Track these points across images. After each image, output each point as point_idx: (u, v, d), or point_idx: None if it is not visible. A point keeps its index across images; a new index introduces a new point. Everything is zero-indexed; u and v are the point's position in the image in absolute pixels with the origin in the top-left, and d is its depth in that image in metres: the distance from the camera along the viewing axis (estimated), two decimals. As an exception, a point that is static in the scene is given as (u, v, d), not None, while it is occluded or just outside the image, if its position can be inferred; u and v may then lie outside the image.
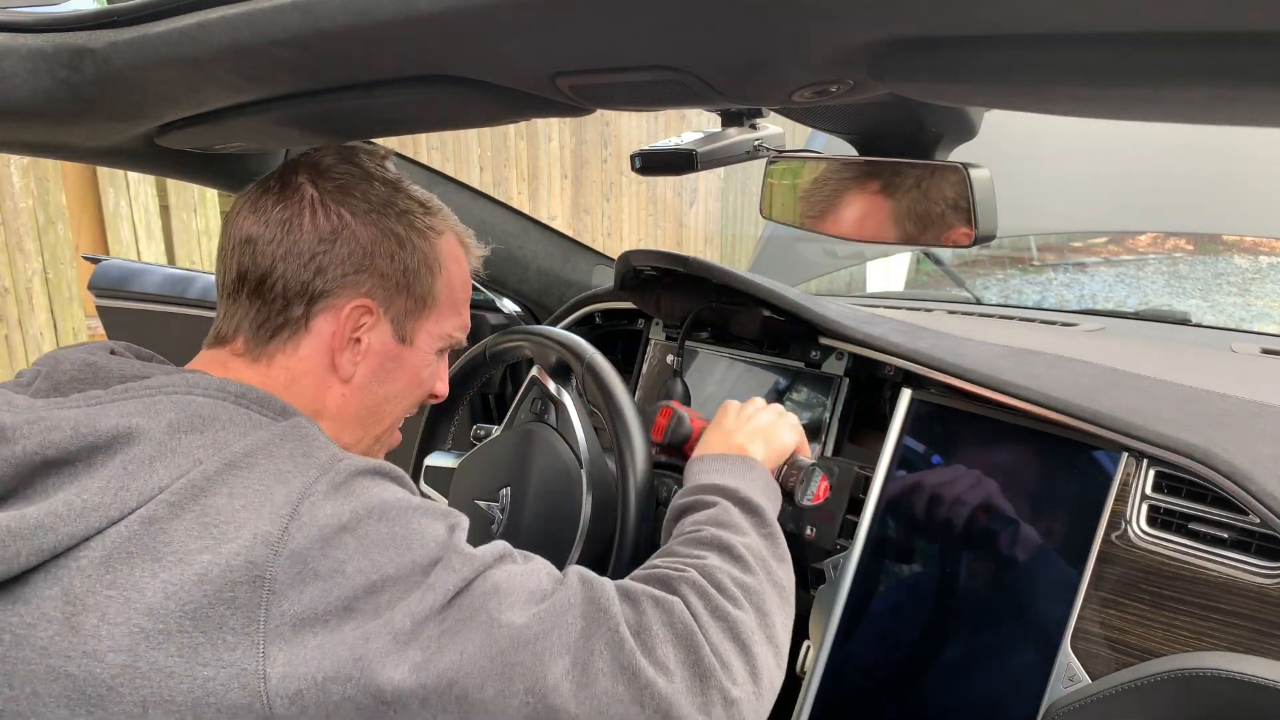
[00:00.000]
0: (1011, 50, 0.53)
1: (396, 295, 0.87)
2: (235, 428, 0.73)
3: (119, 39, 0.77)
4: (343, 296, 0.84)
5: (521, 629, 0.70)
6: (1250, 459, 0.92)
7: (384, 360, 0.88)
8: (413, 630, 0.67)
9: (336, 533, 0.67)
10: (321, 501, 0.68)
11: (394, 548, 0.69)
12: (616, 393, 1.16)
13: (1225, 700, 0.87)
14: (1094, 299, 4.29)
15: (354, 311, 0.84)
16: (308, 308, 0.83)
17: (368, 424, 0.91)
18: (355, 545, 0.67)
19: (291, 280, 0.83)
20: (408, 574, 0.68)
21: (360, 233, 0.84)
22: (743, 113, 1.06)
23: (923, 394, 1.20)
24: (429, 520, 0.72)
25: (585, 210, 6.48)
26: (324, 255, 0.83)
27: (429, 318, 0.91)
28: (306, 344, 0.84)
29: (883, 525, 1.18)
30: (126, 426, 0.69)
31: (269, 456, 0.70)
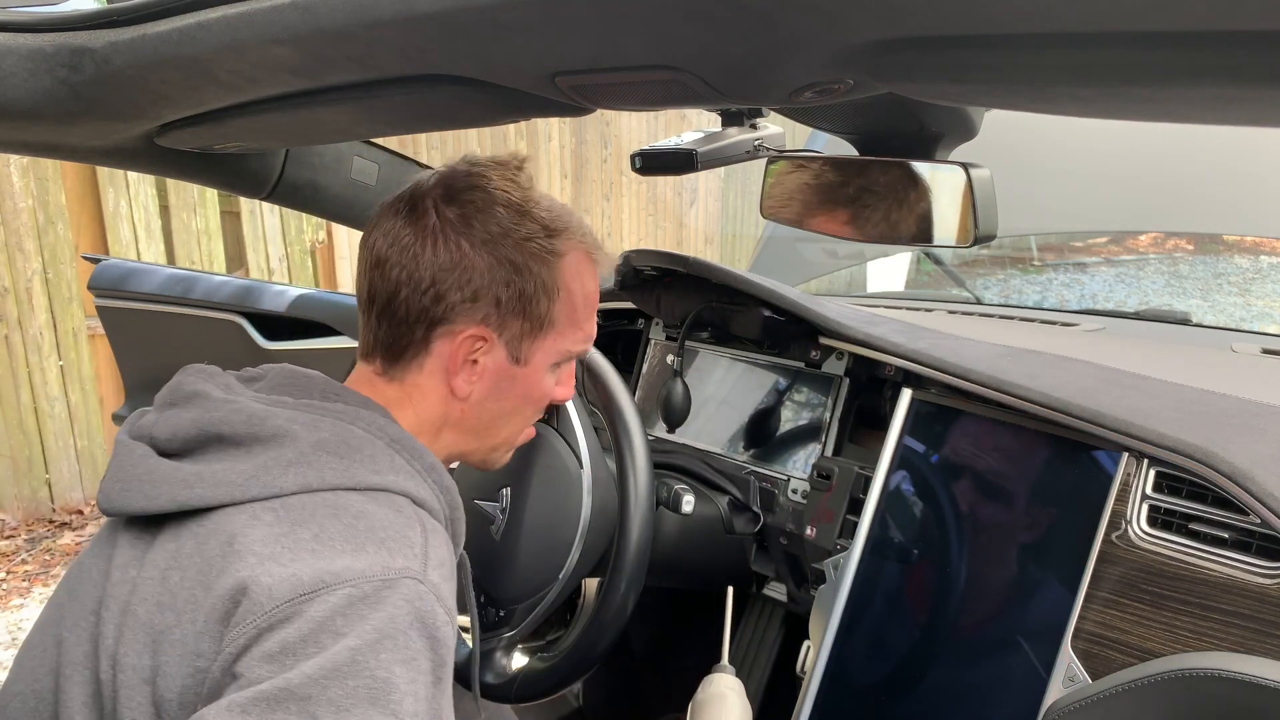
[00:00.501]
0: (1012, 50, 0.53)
1: (512, 320, 0.89)
2: (374, 465, 0.80)
3: (119, 39, 0.77)
4: (459, 323, 0.87)
5: None
6: (1251, 459, 0.92)
7: (499, 380, 0.92)
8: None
9: (329, 636, 0.67)
10: (347, 603, 0.69)
11: (344, 669, 0.66)
12: (616, 393, 1.16)
13: (1225, 700, 0.87)
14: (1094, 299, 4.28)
15: (469, 340, 0.88)
16: (427, 331, 0.88)
17: (482, 436, 0.96)
18: (316, 655, 0.66)
19: (413, 305, 0.87)
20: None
21: (478, 262, 0.87)
22: (743, 113, 1.06)
23: (923, 394, 1.20)
24: (393, 664, 0.68)
25: (585, 210, 6.48)
26: (442, 284, 0.86)
27: (546, 338, 0.92)
28: (429, 364, 0.89)
29: (883, 525, 1.18)
30: (286, 430, 0.79)
31: (370, 533, 0.75)
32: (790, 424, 1.42)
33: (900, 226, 0.99)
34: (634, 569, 1.11)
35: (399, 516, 0.78)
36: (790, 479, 1.37)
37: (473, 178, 0.90)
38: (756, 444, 1.45)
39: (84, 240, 3.86)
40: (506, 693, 1.22)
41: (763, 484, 1.40)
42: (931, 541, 1.14)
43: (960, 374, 1.13)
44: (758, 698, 1.73)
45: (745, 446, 1.46)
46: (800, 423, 1.41)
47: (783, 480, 1.38)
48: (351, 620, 0.68)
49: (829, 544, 1.25)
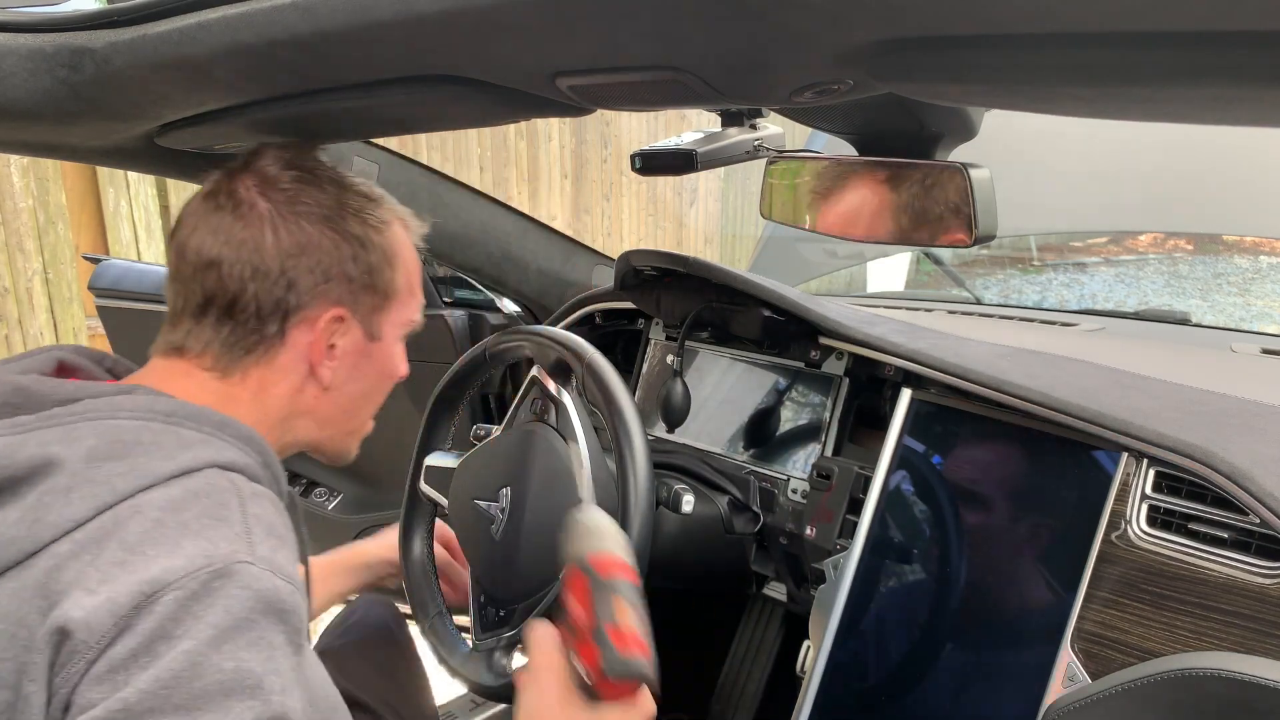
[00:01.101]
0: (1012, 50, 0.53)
1: (364, 295, 0.87)
2: (160, 450, 0.71)
3: (119, 39, 0.77)
4: (315, 308, 0.84)
5: None
6: (1250, 459, 0.92)
7: (358, 360, 0.89)
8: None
9: (163, 643, 0.62)
10: (176, 607, 0.64)
11: (185, 674, 0.62)
12: (616, 393, 1.16)
13: (1225, 700, 0.87)
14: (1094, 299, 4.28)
15: (329, 323, 0.85)
16: (282, 323, 0.83)
17: (340, 422, 0.92)
18: (150, 667, 0.62)
19: (265, 299, 0.82)
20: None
21: (323, 241, 0.84)
22: (743, 113, 1.06)
23: (923, 394, 1.20)
24: (240, 649, 0.65)
25: (585, 210, 6.48)
26: (293, 270, 0.83)
27: (393, 309, 0.91)
28: (282, 355, 0.85)
29: (883, 525, 1.18)
30: (44, 456, 0.68)
31: (180, 526, 0.68)
32: (790, 424, 1.42)
33: (900, 227, 0.99)
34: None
35: (209, 496, 0.71)
36: (790, 479, 1.37)
37: (282, 160, 0.87)
38: (756, 444, 1.45)
39: (84, 240, 3.86)
40: (507, 693, 1.22)
41: (763, 484, 1.40)
42: (931, 541, 1.14)
43: (960, 374, 1.13)
44: (758, 697, 1.73)
45: (745, 446, 1.46)
46: (800, 423, 1.41)
47: (783, 480, 1.38)
48: (185, 623, 0.63)
49: (829, 544, 1.25)
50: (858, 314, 1.37)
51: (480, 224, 1.68)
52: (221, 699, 0.62)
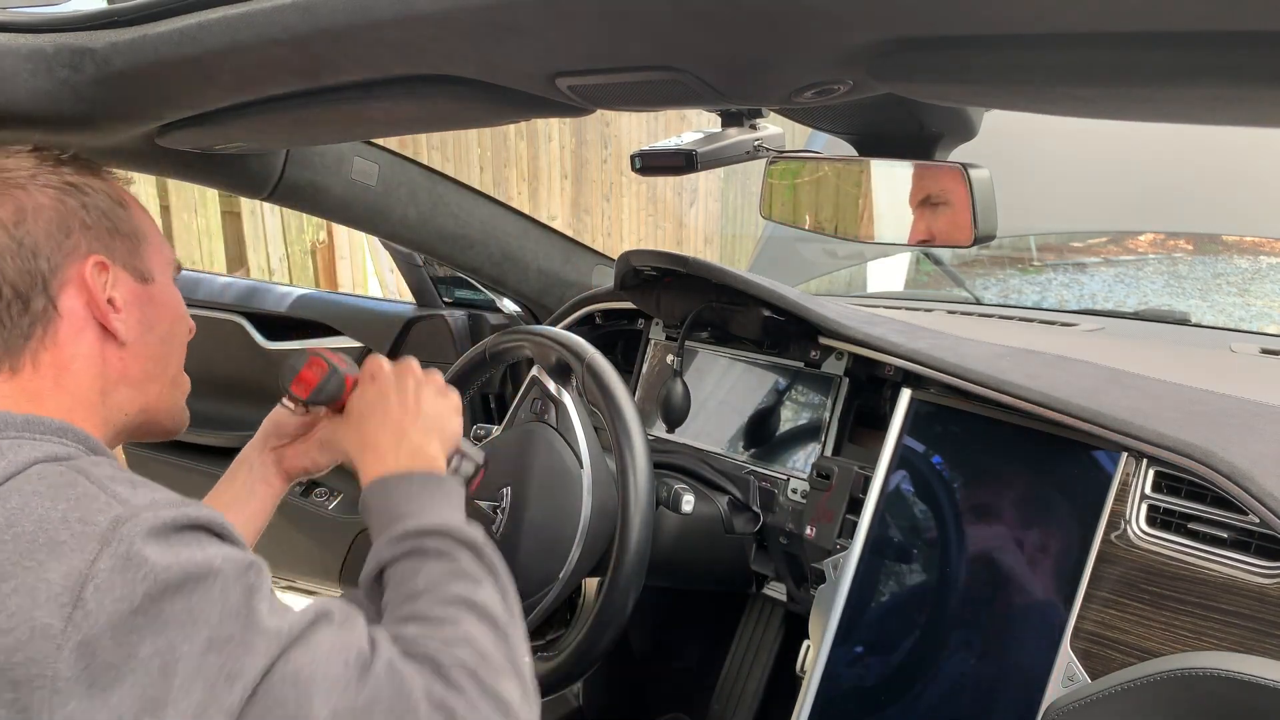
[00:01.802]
0: (1011, 50, 0.53)
1: (113, 240, 0.83)
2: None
3: (119, 39, 0.77)
4: (71, 266, 0.79)
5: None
6: (1250, 459, 0.92)
7: (141, 307, 0.84)
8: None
9: (128, 617, 0.60)
10: (107, 582, 0.61)
11: (190, 625, 0.62)
12: (616, 393, 1.16)
13: (1225, 700, 0.87)
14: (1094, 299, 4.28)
15: (94, 270, 0.79)
16: (47, 293, 0.77)
17: (156, 376, 0.87)
18: (148, 628, 0.61)
19: (13, 277, 0.76)
20: (202, 659, 0.62)
21: (41, 200, 0.79)
22: (743, 113, 1.06)
23: (923, 394, 1.20)
24: (223, 588, 0.65)
25: (585, 210, 6.48)
26: (26, 237, 0.77)
27: (149, 250, 0.87)
28: (63, 330, 0.78)
29: (883, 525, 1.18)
30: None
31: (39, 522, 0.63)
32: (790, 424, 1.43)
33: (900, 227, 0.99)
34: (634, 569, 1.11)
35: (47, 486, 0.66)
36: (790, 479, 1.37)
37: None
38: (756, 444, 1.45)
39: (84, 240, 3.86)
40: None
41: (762, 484, 1.40)
42: (931, 541, 1.14)
43: (960, 374, 1.13)
44: (758, 697, 1.73)
45: (745, 446, 1.46)
46: (800, 422, 1.41)
47: (782, 480, 1.38)
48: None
49: (828, 544, 1.25)
50: (858, 314, 1.37)
51: (480, 224, 1.68)
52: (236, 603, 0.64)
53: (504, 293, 1.88)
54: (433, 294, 1.96)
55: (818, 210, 1.08)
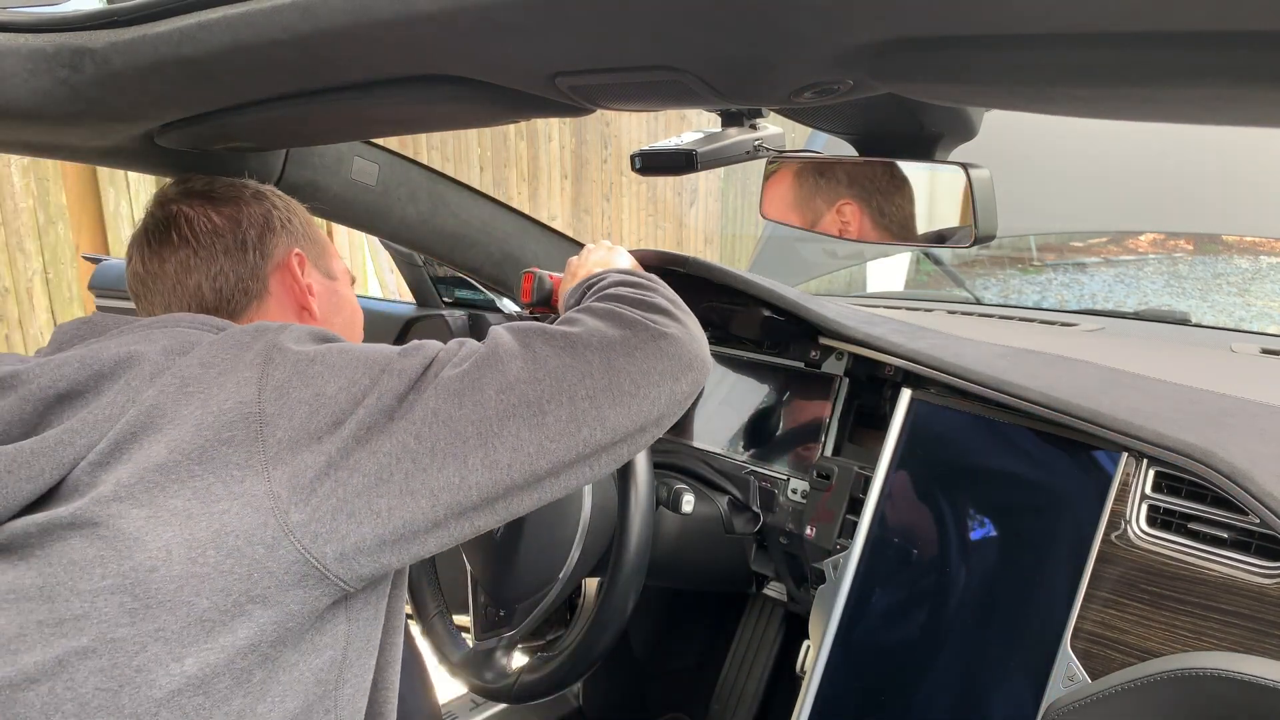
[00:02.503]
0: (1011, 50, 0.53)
1: (307, 242, 1.00)
2: (217, 345, 0.80)
3: (119, 39, 0.77)
4: (278, 255, 0.96)
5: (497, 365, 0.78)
6: (1250, 459, 0.92)
7: (329, 296, 1.01)
8: (402, 403, 0.74)
9: (308, 363, 0.75)
10: (288, 346, 0.77)
11: (361, 362, 0.76)
12: (616, 393, 1.16)
13: (1225, 700, 0.87)
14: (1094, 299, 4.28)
15: (295, 259, 0.97)
16: (260, 271, 0.95)
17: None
18: (326, 369, 0.75)
19: (239, 265, 0.94)
20: (378, 370, 0.76)
21: (252, 210, 0.97)
22: (743, 113, 1.06)
23: (923, 394, 1.20)
24: (378, 345, 0.80)
25: (585, 210, 6.48)
26: (242, 234, 0.95)
27: (331, 257, 1.04)
28: (273, 306, 0.96)
29: (883, 525, 1.18)
30: (128, 352, 0.77)
31: (230, 338, 0.79)
32: (790, 424, 1.43)
33: (900, 227, 0.99)
34: (634, 569, 1.11)
35: (257, 325, 0.82)
36: (790, 479, 1.37)
37: (178, 191, 1.00)
38: (756, 444, 1.45)
39: (84, 240, 3.86)
40: (506, 693, 1.22)
41: (762, 484, 1.40)
42: (931, 541, 1.14)
43: (960, 374, 1.13)
44: (758, 697, 1.73)
45: (745, 446, 1.46)
46: (800, 422, 1.41)
47: (782, 480, 1.38)
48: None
49: (829, 544, 1.25)
50: (858, 314, 1.37)
51: (480, 224, 1.68)
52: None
53: (504, 293, 1.88)
54: (433, 294, 1.96)
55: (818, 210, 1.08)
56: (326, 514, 0.70)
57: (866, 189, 0.98)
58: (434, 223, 1.60)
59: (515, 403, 0.76)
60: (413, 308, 2.00)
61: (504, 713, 1.75)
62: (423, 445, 0.73)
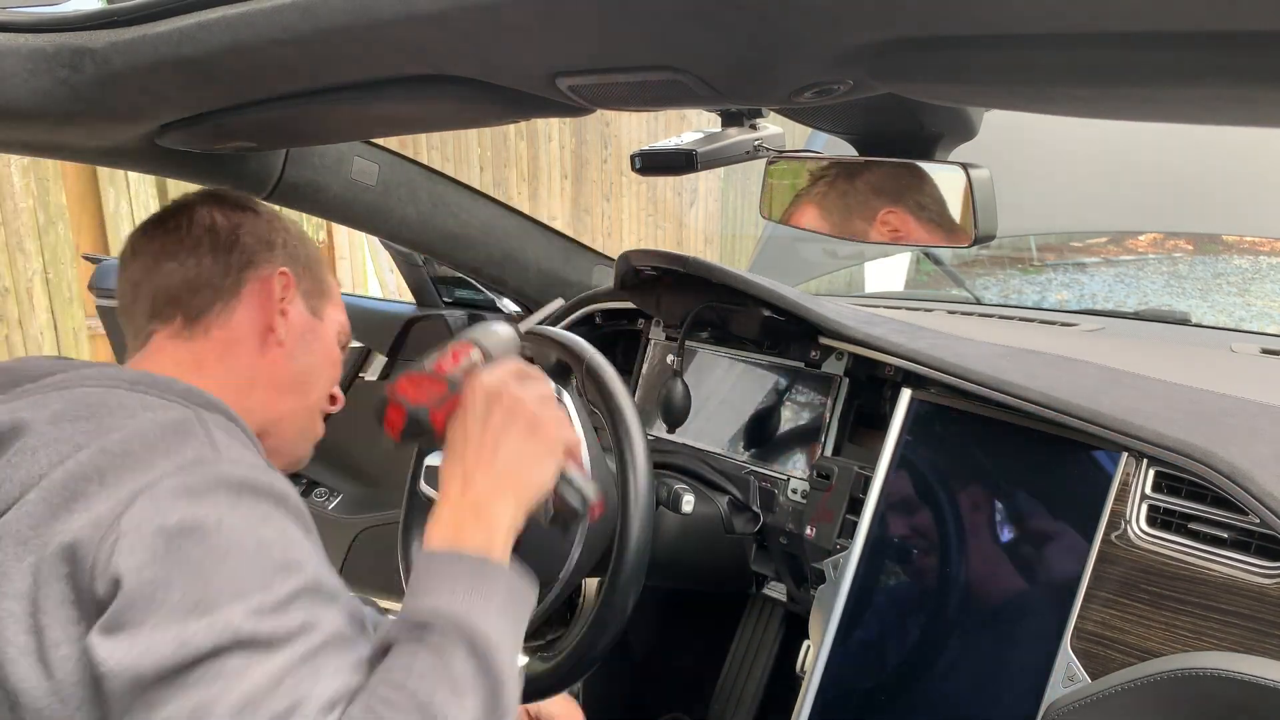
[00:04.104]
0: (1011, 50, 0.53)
1: (304, 272, 0.96)
2: (124, 412, 0.75)
3: (119, 39, 0.77)
4: (263, 266, 0.92)
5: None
6: (1250, 459, 0.92)
7: (304, 331, 0.95)
8: (153, 679, 0.62)
9: (154, 534, 0.66)
10: (161, 498, 0.67)
11: (196, 577, 0.65)
12: (616, 393, 1.16)
13: (1225, 700, 0.87)
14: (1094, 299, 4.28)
15: (279, 277, 0.92)
16: (237, 275, 0.91)
17: (297, 392, 0.95)
18: (164, 554, 0.65)
19: (221, 255, 0.91)
20: (179, 611, 0.64)
21: (259, 224, 0.95)
22: (743, 113, 1.06)
23: (923, 394, 1.20)
24: (251, 565, 0.67)
25: (585, 210, 6.48)
26: (241, 232, 0.93)
27: (329, 303, 0.99)
28: (238, 312, 0.91)
29: (883, 525, 1.18)
30: (13, 421, 0.74)
31: (147, 447, 0.72)
32: (790, 424, 1.42)
33: (900, 227, 0.99)
34: (634, 569, 1.11)
35: (162, 416, 0.75)
36: (790, 479, 1.37)
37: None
38: (756, 444, 1.45)
39: (84, 240, 3.86)
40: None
41: (762, 484, 1.40)
42: (931, 541, 1.14)
43: (960, 374, 1.13)
44: (758, 697, 1.73)
45: (745, 446, 1.46)
46: (800, 423, 1.41)
47: (782, 480, 1.38)
48: (175, 520, 0.66)
49: (829, 544, 1.25)
50: (858, 314, 1.36)
51: (480, 224, 1.68)
52: (257, 574, 0.66)
53: (504, 293, 1.88)
54: (433, 294, 1.96)
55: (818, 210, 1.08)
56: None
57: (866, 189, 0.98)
58: (434, 223, 1.60)
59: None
60: (413, 308, 2.00)
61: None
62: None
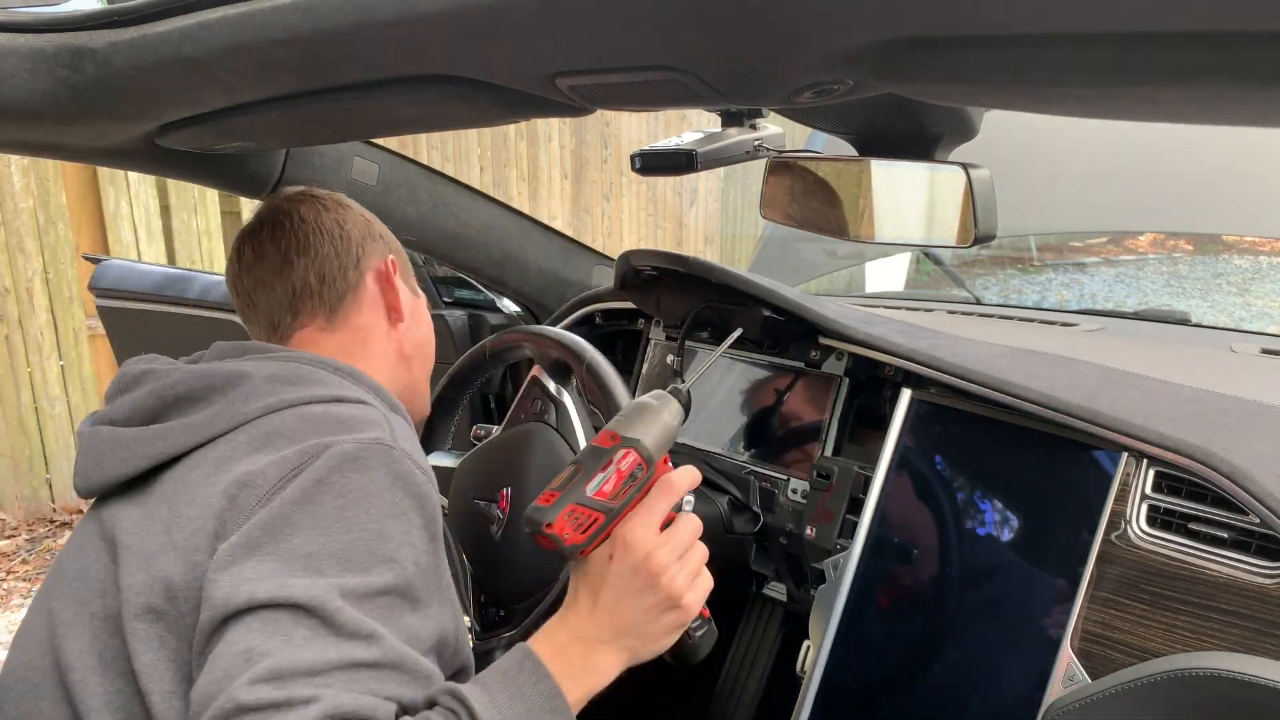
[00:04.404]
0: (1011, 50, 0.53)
1: (400, 257, 1.08)
2: (323, 384, 0.90)
3: (119, 39, 0.77)
4: (373, 256, 1.04)
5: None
6: (1250, 459, 0.92)
7: (412, 309, 1.08)
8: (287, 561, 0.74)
9: (311, 480, 0.78)
10: (334, 455, 0.79)
11: (336, 525, 0.76)
12: (616, 393, 1.16)
13: (1225, 700, 0.87)
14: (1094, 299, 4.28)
15: (390, 264, 1.05)
16: (358, 269, 1.03)
17: (421, 359, 1.10)
18: (304, 499, 0.77)
19: (340, 253, 1.02)
20: (289, 557, 0.74)
21: (357, 218, 1.06)
22: (743, 113, 1.06)
23: (923, 394, 1.20)
24: (365, 547, 0.76)
25: (585, 210, 6.48)
26: (345, 231, 1.03)
27: (413, 279, 1.11)
28: (365, 300, 1.03)
29: (882, 525, 1.18)
30: (238, 371, 0.89)
31: (338, 421, 0.85)
32: (790, 424, 1.43)
33: (900, 227, 0.99)
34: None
35: (360, 409, 0.88)
36: (790, 479, 1.37)
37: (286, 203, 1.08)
38: (756, 444, 1.45)
39: (84, 240, 3.86)
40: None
41: (763, 484, 1.40)
42: (931, 541, 1.14)
43: (960, 374, 1.13)
44: (758, 697, 1.73)
45: (745, 446, 1.46)
46: (800, 423, 1.41)
47: (782, 480, 1.38)
48: (336, 476, 0.78)
49: (829, 544, 1.25)
50: (858, 314, 1.36)
51: (480, 224, 1.68)
52: (366, 555, 0.75)
53: (504, 293, 1.88)
54: (433, 294, 1.96)
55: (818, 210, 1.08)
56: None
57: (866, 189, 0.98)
58: (434, 223, 1.60)
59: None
60: (413, 308, 2.00)
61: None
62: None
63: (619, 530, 0.81)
